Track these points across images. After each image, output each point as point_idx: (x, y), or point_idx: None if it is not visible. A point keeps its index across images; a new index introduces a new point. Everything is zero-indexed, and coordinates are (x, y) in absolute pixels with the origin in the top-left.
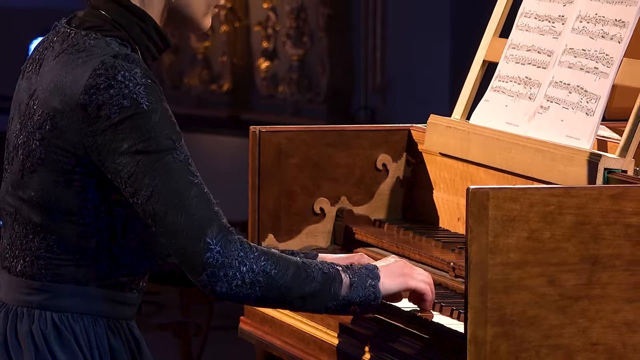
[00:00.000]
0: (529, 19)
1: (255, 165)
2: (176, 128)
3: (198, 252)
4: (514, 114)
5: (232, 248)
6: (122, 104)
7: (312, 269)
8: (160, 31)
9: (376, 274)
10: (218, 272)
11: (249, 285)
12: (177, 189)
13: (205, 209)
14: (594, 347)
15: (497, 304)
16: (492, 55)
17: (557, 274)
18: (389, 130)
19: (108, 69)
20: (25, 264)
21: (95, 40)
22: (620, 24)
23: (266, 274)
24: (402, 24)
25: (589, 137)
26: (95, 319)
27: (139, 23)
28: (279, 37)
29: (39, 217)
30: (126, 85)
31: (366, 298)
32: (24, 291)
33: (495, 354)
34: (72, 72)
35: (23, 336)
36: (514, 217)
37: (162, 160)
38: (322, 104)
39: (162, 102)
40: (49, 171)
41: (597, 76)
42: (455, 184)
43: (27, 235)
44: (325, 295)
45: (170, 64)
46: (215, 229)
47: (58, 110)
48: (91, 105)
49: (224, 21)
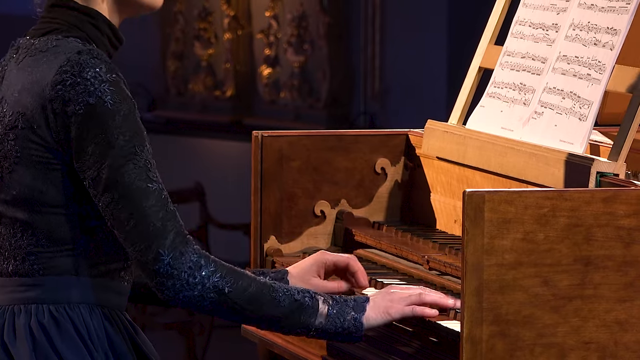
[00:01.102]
0: (523, 27)
1: (257, 169)
2: (139, 128)
3: (150, 261)
4: (509, 119)
5: (183, 260)
6: (87, 101)
7: (279, 293)
8: (111, 26)
9: (362, 306)
10: (166, 281)
11: (197, 298)
12: (135, 199)
13: (161, 219)
14: (586, 345)
15: (492, 304)
16: (487, 62)
17: (551, 274)
18: (387, 135)
19: (74, 66)
20: (17, 263)
21: (57, 41)
22: (612, 31)
23: (218, 290)
24: (400, 32)
25: (582, 141)
26: (91, 307)
27: (90, 21)
28: (281, 45)
29: (24, 214)
30: (91, 83)
31: (346, 330)
32: (19, 289)
33: (491, 353)
34: (38, 70)
35: (20, 331)
36: (509, 220)
37: (121, 168)
38: (323, 110)
39: (127, 101)
40: (27, 167)
41: (589, 82)
42: (452, 187)
43: (15, 235)
44: (292, 322)
45: (175, 71)
46: (170, 240)
47: (28, 107)
48: (57, 100)
49: (228, 29)
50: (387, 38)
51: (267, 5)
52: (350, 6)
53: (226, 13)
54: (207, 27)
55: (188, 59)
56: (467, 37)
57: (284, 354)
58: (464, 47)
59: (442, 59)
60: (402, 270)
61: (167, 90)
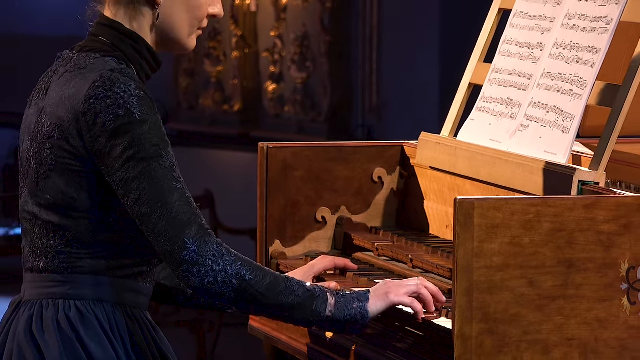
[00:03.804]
0: (510, 46)
1: (263, 178)
2: (164, 137)
3: (176, 250)
4: (497, 132)
5: (208, 248)
6: (117, 113)
7: (293, 283)
8: (151, 51)
9: (365, 296)
10: (192, 268)
11: (221, 284)
12: (161, 194)
13: (186, 212)
14: (569, 342)
15: (481, 303)
16: (477, 78)
17: (536, 276)
18: (384, 146)
19: (105, 82)
20: (48, 260)
21: (94, 59)
22: (593, 50)
23: (240, 277)
24: (396, 51)
25: (565, 152)
26: (114, 306)
27: (133, 45)
28: (285, 63)
29: (56, 217)
30: (121, 97)
31: (352, 317)
32: (48, 284)
33: (480, 348)
34: (75, 85)
35: (48, 323)
36: (497, 225)
37: (149, 167)
38: (324, 123)
39: (154, 114)
40: (60, 175)
41: (572, 97)
42: (444, 195)
43: (47, 235)
44: (305, 309)
45: (186, 87)
46: (194, 231)
47: (63, 119)
48: (89, 113)
49: (235, 48)
50: (384, 56)
51: (272, 26)
52: (350, 26)
53: (234, 33)
54: (217, 46)
55: (199, 75)
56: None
57: (288, 349)
58: (455, 65)
59: (435, 75)
60: (397, 272)
61: (179, 104)
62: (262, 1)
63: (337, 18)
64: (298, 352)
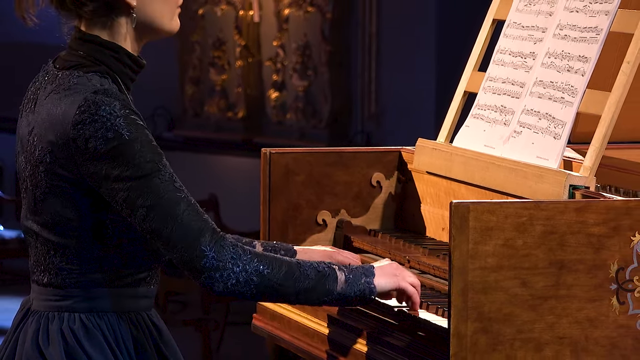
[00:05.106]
0: (504, 55)
1: (266, 182)
2: (157, 150)
3: (195, 259)
4: (491, 138)
5: (225, 252)
6: (106, 136)
7: (305, 267)
8: (132, 57)
9: (371, 271)
10: (214, 274)
11: (243, 284)
12: (168, 207)
13: (196, 221)
14: (560, 340)
15: (476, 303)
16: (472, 86)
17: (528, 276)
18: (382, 151)
19: (90, 106)
20: (51, 276)
21: (78, 78)
22: (584, 59)
23: (259, 274)
24: (394, 60)
25: (557, 157)
26: (118, 315)
27: (113, 55)
28: (287, 71)
29: (55, 237)
30: (108, 119)
31: (361, 293)
32: (53, 298)
33: (475, 346)
34: (61, 107)
35: (54, 335)
36: (491, 227)
37: (150, 183)
38: (324, 129)
39: (142, 129)
40: (56, 197)
41: (563, 105)
42: (440, 199)
43: (48, 252)
44: (319, 290)
45: (192, 94)
46: (208, 237)
47: (54, 143)
48: (80, 138)
49: (239, 57)
50: (382, 65)
51: (275, 36)
52: (349, 36)
53: (238, 43)
54: (221, 55)
55: (204, 83)
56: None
57: (290, 347)
58: (451, 73)
59: (431, 84)
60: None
61: (185, 111)
62: (265, 12)
63: (337, 28)
64: (300, 350)
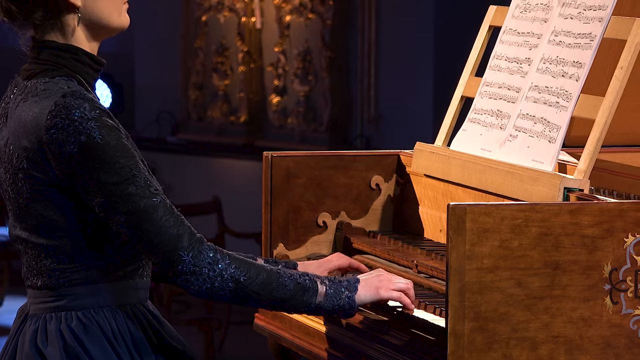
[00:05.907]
0: (500, 61)
1: (267, 185)
2: (130, 152)
3: (173, 264)
4: (488, 142)
5: (202, 257)
6: (79, 140)
7: (285, 278)
8: (91, 56)
9: (354, 286)
10: (190, 277)
11: (218, 289)
12: (145, 214)
13: (173, 226)
14: (555, 339)
15: (473, 303)
16: (469, 91)
17: (524, 277)
18: (381, 155)
19: (61, 110)
20: (45, 279)
21: (45, 84)
22: (578, 65)
23: (235, 280)
24: (392, 65)
25: (551, 161)
26: (114, 309)
27: (72, 56)
28: (288, 76)
29: (43, 239)
30: (79, 122)
31: (340, 307)
32: (49, 300)
33: (472, 345)
34: (31, 113)
35: (52, 335)
36: (488, 229)
37: (125, 190)
38: (325, 133)
39: (114, 132)
40: (38, 202)
41: (558, 109)
42: (437, 201)
43: (39, 256)
44: (297, 301)
45: (195, 99)
46: (186, 242)
47: (29, 149)
48: (53, 143)
49: (241, 63)
50: (382, 71)
51: (276, 42)
52: (349, 42)
53: (240, 48)
54: (224, 60)
55: (207, 88)
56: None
57: (291, 346)
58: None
59: (429, 89)
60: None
61: (188, 116)
62: (266, 19)
63: (338, 35)
64: (301, 348)
